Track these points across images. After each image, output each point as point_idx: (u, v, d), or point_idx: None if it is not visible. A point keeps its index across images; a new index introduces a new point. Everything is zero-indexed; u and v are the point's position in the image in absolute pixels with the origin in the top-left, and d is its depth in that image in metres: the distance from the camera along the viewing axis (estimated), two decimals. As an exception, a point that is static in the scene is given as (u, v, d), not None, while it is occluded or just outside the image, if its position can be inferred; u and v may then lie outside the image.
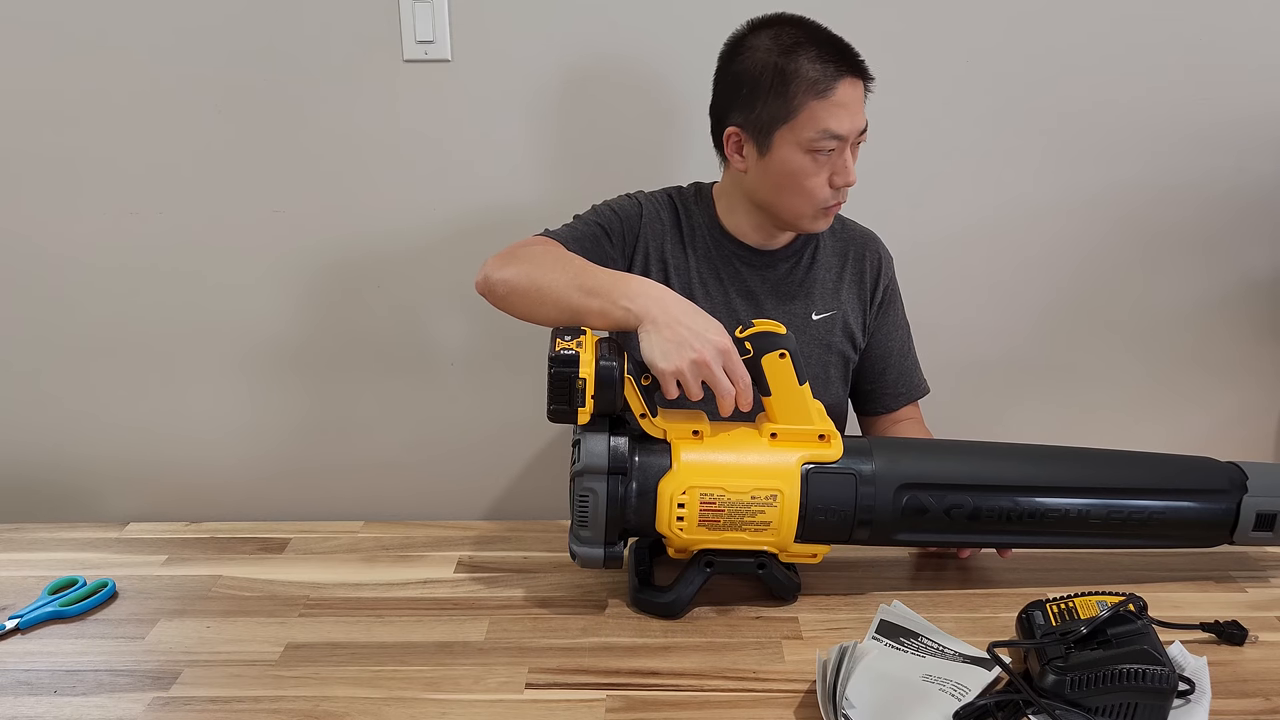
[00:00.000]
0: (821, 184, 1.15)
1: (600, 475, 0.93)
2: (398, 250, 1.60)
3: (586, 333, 0.96)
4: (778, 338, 0.95)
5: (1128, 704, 0.78)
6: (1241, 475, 1.02)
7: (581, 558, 0.96)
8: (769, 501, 0.94)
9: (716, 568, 0.98)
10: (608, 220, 1.24)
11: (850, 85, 1.12)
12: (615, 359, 0.92)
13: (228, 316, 1.63)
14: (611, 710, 0.84)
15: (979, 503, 0.98)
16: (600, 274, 1.04)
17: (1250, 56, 1.51)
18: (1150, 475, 1.02)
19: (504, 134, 1.54)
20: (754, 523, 0.95)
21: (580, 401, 0.91)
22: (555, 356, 0.91)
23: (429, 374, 1.66)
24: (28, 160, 1.55)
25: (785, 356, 0.95)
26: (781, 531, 0.96)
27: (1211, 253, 1.62)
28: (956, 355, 1.61)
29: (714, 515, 0.95)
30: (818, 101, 1.11)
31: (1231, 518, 1.01)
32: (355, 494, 1.71)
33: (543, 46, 1.50)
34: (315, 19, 1.49)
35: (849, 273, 1.29)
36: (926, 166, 1.56)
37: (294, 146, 1.54)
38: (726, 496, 0.94)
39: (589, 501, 0.94)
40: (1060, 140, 1.55)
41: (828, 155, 1.14)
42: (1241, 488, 1.01)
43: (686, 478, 0.94)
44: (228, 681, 0.88)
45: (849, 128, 1.13)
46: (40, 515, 1.37)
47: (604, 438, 0.94)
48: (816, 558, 1.00)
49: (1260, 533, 1.01)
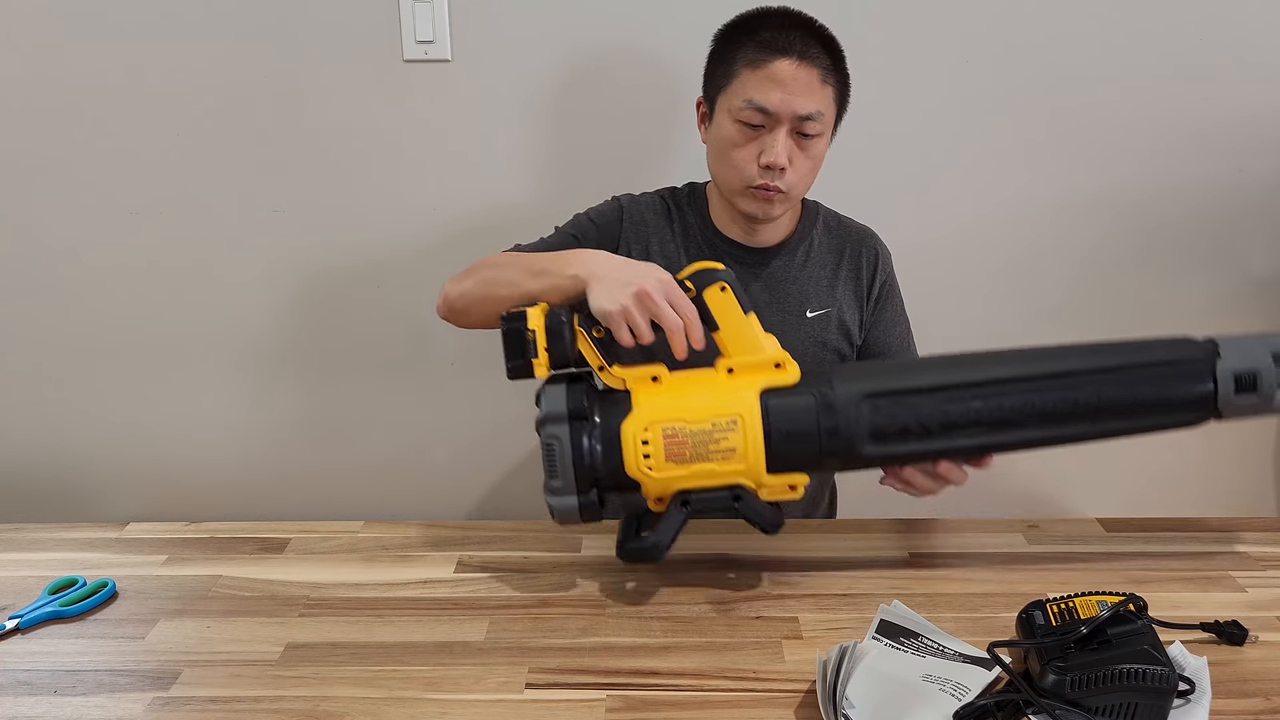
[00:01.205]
0: (748, 159, 1.15)
1: (562, 421, 0.95)
2: (398, 250, 1.60)
3: (537, 303, 0.99)
4: (716, 272, 0.97)
5: (1128, 704, 0.78)
6: (1213, 345, 0.99)
7: (558, 511, 0.97)
8: (730, 427, 0.95)
9: (693, 504, 0.99)
10: (583, 229, 1.26)
11: (790, 64, 1.11)
12: (564, 312, 0.96)
13: (228, 316, 1.63)
14: (611, 710, 0.84)
15: (947, 407, 0.96)
16: (546, 256, 1.08)
17: (1250, 56, 1.51)
18: (1118, 356, 0.99)
19: (504, 134, 1.54)
20: (719, 450, 0.96)
21: (534, 352, 0.95)
22: (505, 315, 0.96)
23: (429, 374, 1.66)
24: (28, 160, 1.55)
25: (726, 289, 0.96)
26: (749, 458, 0.96)
27: (1211, 252, 1.62)
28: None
29: (678, 448, 0.96)
30: (749, 71, 1.12)
31: (1210, 388, 0.97)
32: (355, 494, 1.71)
33: (543, 46, 1.50)
34: (315, 19, 1.49)
35: (844, 269, 1.29)
36: (924, 166, 1.56)
37: (294, 146, 1.55)
38: (688, 427, 0.95)
39: (554, 449, 0.95)
40: (1059, 140, 1.55)
41: (756, 131, 1.13)
42: (1214, 355, 0.98)
43: (646, 414, 0.96)
44: (228, 681, 0.88)
45: (777, 104, 1.11)
46: (40, 515, 1.37)
47: (562, 386, 0.97)
48: (796, 489, 0.99)
49: (1244, 396, 0.97)
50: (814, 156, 1.17)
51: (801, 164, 1.16)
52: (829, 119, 1.16)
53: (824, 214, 1.31)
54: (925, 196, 1.58)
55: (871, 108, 1.51)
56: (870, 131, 1.52)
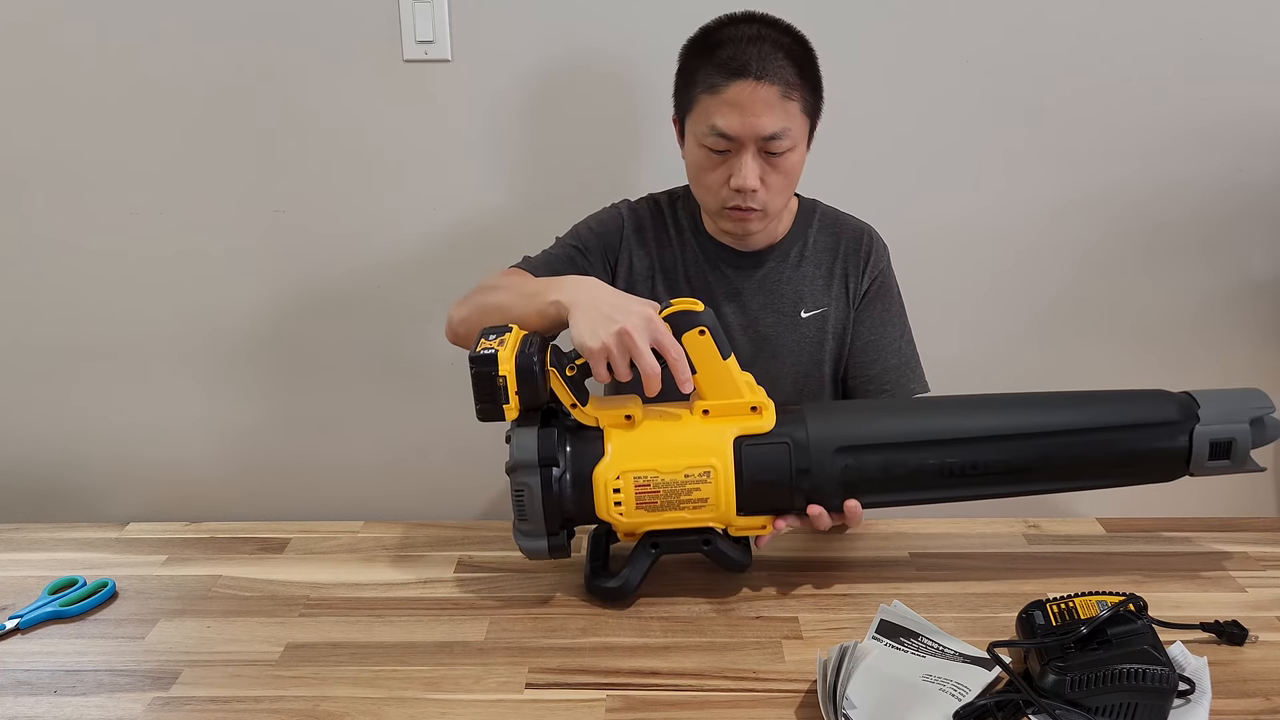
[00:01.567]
0: (718, 182, 1.14)
1: (532, 469, 0.94)
2: (398, 250, 1.60)
3: (512, 329, 0.97)
4: (695, 315, 0.95)
5: (1128, 704, 0.78)
6: (1193, 404, 0.98)
7: (527, 550, 0.98)
8: (703, 478, 0.95)
9: (662, 548, 0.99)
10: (585, 239, 1.25)
11: (748, 86, 1.08)
12: (536, 352, 0.93)
13: (228, 316, 1.63)
14: (611, 710, 0.84)
15: (917, 460, 0.96)
16: (537, 280, 1.07)
17: (1250, 56, 1.51)
18: (1095, 414, 0.98)
19: (504, 134, 1.54)
20: (691, 501, 0.95)
21: (504, 398, 0.93)
22: (475, 356, 0.93)
23: (429, 374, 1.66)
24: (28, 161, 1.55)
25: (705, 333, 0.95)
26: (721, 507, 0.96)
27: (1211, 252, 1.61)
28: (952, 353, 1.60)
29: (650, 497, 0.95)
30: (708, 96, 1.11)
31: (1185, 450, 0.97)
32: (355, 494, 1.71)
33: (542, 47, 1.50)
34: (315, 19, 1.49)
35: (839, 267, 1.27)
36: (924, 165, 1.56)
37: (294, 147, 1.55)
38: (660, 477, 0.95)
39: (524, 495, 0.95)
40: (1059, 140, 1.55)
41: (723, 155, 1.12)
42: (1193, 417, 0.97)
43: (619, 462, 0.95)
44: (228, 681, 0.88)
45: (739, 128, 1.09)
46: (40, 515, 1.37)
47: (533, 431, 0.95)
48: (767, 529, 0.99)
49: (1217, 462, 0.97)
50: (786, 170, 1.14)
51: (775, 180, 1.14)
52: (797, 132, 1.12)
53: (821, 211, 1.29)
54: (925, 196, 1.58)
55: (871, 107, 1.52)
56: (869, 131, 1.52)
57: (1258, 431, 0.97)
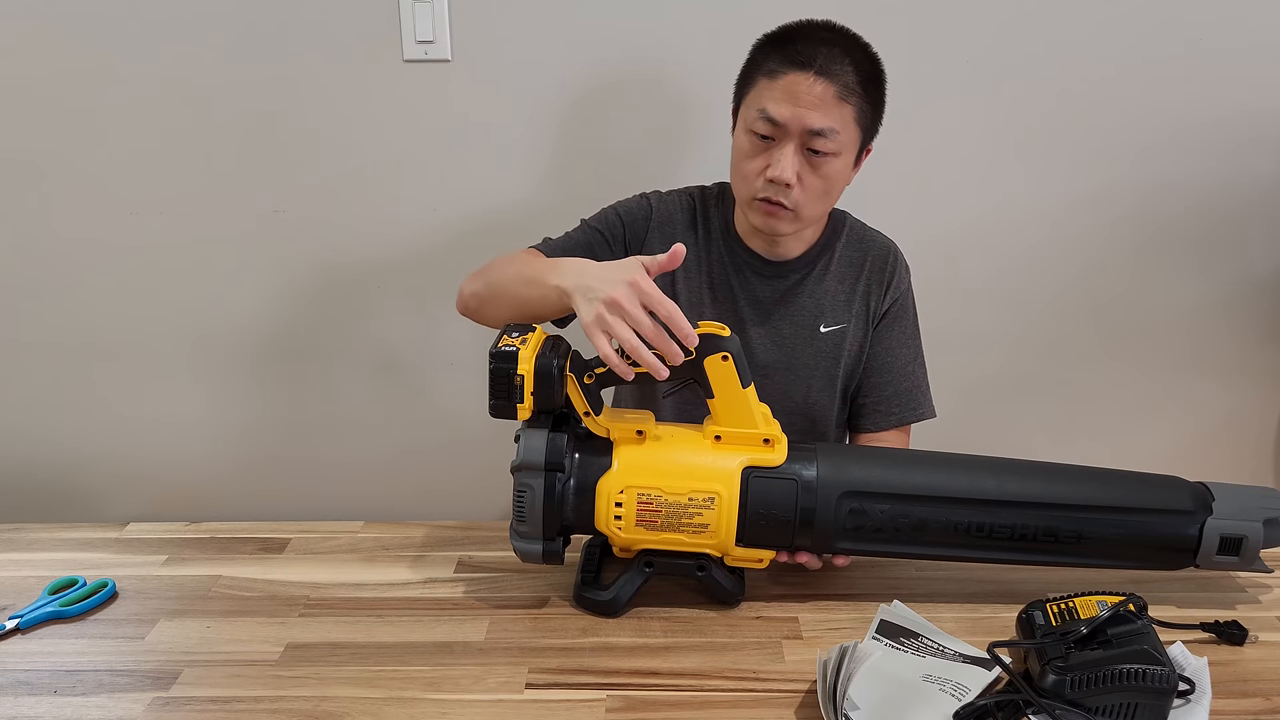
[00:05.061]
0: (755, 170, 1.13)
1: (537, 471, 0.94)
2: (398, 250, 1.60)
3: (536, 329, 0.97)
4: (720, 340, 0.93)
5: (1128, 704, 0.78)
6: (1208, 495, 0.97)
7: (520, 552, 0.97)
8: (706, 504, 0.94)
9: (656, 568, 0.98)
10: (610, 224, 1.24)
11: (807, 78, 1.08)
12: (556, 357, 0.93)
13: (228, 316, 1.63)
14: (611, 710, 0.84)
15: (924, 514, 0.95)
16: (540, 264, 1.07)
17: (1250, 55, 1.51)
18: (1108, 492, 0.97)
19: (504, 134, 1.54)
20: (692, 524, 0.95)
21: (519, 397, 0.92)
22: (496, 352, 0.92)
23: (429, 374, 1.66)
24: (28, 161, 1.55)
25: (728, 359, 0.93)
26: (720, 535, 0.95)
27: (1210, 252, 1.62)
28: (950, 353, 1.61)
29: (651, 515, 0.95)
30: (766, 81, 1.11)
31: (1194, 540, 0.96)
32: (355, 494, 1.71)
33: (543, 46, 1.50)
34: (315, 19, 1.49)
35: (862, 284, 1.26)
36: (924, 165, 1.56)
37: (294, 146, 1.55)
38: (664, 497, 0.94)
39: (525, 497, 0.94)
40: (1059, 139, 1.55)
41: (766, 143, 1.12)
42: (1206, 508, 0.96)
43: (625, 477, 0.94)
44: (228, 681, 0.88)
45: (788, 116, 1.09)
46: (40, 515, 1.37)
47: (543, 434, 0.94)
48: (762, 563, 0.98)
49: (1225, 557, 0.97)
50: (826, 177, 1.13)
51: (812, 183, 1.12)
52: (845, 139, 1.11)
53: (850, 225, 1.28)
54: (925, 196, 1.58)
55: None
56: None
57: (1270, 532, 0.96)
